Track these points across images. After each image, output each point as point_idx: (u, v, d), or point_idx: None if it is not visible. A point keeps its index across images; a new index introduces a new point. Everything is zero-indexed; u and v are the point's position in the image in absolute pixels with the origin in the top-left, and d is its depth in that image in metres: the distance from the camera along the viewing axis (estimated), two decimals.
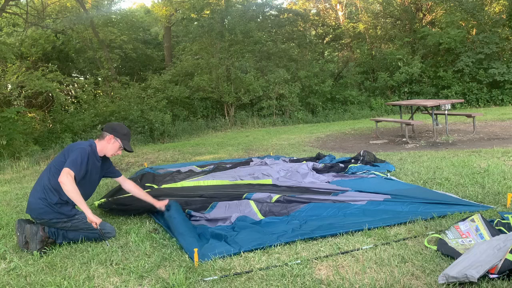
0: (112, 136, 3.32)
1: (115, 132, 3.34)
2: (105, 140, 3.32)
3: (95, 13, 15.76)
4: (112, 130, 3.35)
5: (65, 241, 3.16)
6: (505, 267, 2.14)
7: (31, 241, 3.04)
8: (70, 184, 2.96)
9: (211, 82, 14.30)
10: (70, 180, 2.97)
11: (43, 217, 3.09)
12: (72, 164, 3.04)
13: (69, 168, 3.00)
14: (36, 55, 14.97)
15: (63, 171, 2.99)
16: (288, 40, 17.98)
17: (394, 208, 3.44)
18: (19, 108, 11.81)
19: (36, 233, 3.04)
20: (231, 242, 2.85)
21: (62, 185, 2.96)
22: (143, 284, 2.45)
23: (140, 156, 7.87)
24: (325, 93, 15.18)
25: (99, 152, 3.32)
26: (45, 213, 3.07)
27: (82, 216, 3.11)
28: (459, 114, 9.78)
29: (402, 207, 3.44)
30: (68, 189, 2.96)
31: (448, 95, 14.41)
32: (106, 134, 3.32)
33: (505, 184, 3.96)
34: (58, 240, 3.14)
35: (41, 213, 3.08)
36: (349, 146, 7.81)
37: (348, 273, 2.40)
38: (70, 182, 2.97)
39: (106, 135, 3.32)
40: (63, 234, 3.15)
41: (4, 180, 6.46)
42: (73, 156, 3.10)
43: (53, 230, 3.13)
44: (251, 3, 17.26)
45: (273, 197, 3.72)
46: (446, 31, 14.57)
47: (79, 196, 2.99)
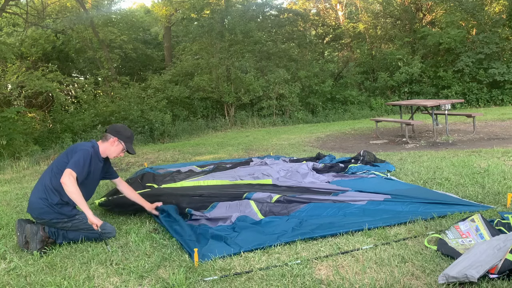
0: (116, 139, 3.32)
1: (119, 135, 3.34)
2: (109, 143, 3.31)
3: (95, 13, 15.76)
4: (116, 132, 3.34)
5: (65, 241, 3.16)
6: (505, 267, 2.14)
7: (31, 241, 3.04)
8: (72, 185, 2.96)
9: (211, 82, 14.31)
10: (72, 181, 2.97)
11: (44, 217, 3.09)
12: (74, 165, 3.04)
13: (71, 169, 3.00)
14: (36, 55, 14.98)
15: (65, 172, 2.99)
16: (288, 40, 17.99)
17: (394, 208, 3.44)
18: (19, 108, 11.82)
19: (36, 233, 3.04)
20: (231, 243, 2.85)
21: (64, 186, 2.97)
22: (143, 284, 2.45)
23: (140, 156, 7.87)
24: (325, 93, 15.18)
25: (102, 154, 3.32)
26: (45, 213, 3.07)
27: (83, 217, 3.11)
28: (459, 114, 9.79)
29: (402, 207, 3.44)
30: (70, 190, 2.96)
31: (448, 95, 14.41)
32: (110, 136, 3.31)
33: (505, 184, 3.96)
34: (58, 240, 3.14)
35: (42, 213, 3.08)
36: (349, 146, 7.81)
37: (348, 273, 2.40)
38: (72, 183, 2.97)
39: (110, 137, 3.31)
40: (63, 234, 3.15)
41: (4, 180, 6.46)
42: (76, 157, 3.10)
43: (53, 230, 3.13)
44: (251, 3, 17.26)
45: (273, 197, 3.72)
46: (446, 31, 14.57)
47: (80, 197, 2.99)
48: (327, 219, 3.25)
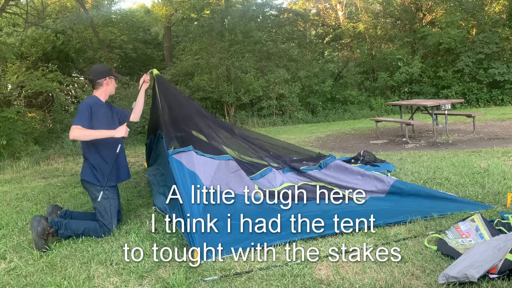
0: (107, 77, 3.48)
1: (105, 73, 3.49)
2: (104, 85, 3.47)
3: (95, 13, 15.74)
4: (102, 73, 3.48)
5: (67, 232, 3.19)
6: (505, 267, 2.14)
7: (32, 231, 3.05)
8: (81, 132, 3.14)
9: (211, 82, 14.30)
10: (78, 130, 3.13)
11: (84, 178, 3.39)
12: (76, 120, 3.19)
13: (74, 125, 3.16)
14: (36, 55, 14.96)
15: (70, 130, 3.15)
16: (288, 40, 17.97)
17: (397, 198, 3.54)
18: (19, 108, 11.81)
19: (39, 223, 3.08)
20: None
21: (77, 138, 3.19)
22: (143, 284, 2.45)
23: (140, 156, 7.86)
24: (325, 93, 15.17)
25: (104, 98, 3.49)
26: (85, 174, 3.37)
27: (109, 199, 3.31)
28: (459, 114, 9.78)
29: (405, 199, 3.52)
30: (83, 135, 3.17)
31: (448, 95, 14.41)
32: (101, 80, 3.45)
33: (505, 184, 3.96)
34: (60, 230, 3.18)
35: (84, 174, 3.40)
36: (349, 146, 7.80)
37: (348, 273, 2.40)
38: (80, 132, 3.14)
39: (102, 81, 3.46)
40: (65, 224, 3.21)
41: (4, 180, 6.46)
42: (76, 114, 3.28)
43: (56, 220, 3.19)
44: (251, 3, 17.25)
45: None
46: (446, 31, 14.57)
47: (97, 131, 3.22)
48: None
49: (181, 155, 3.41)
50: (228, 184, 3.54)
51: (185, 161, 3.38)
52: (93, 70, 3.57)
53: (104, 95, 3.48)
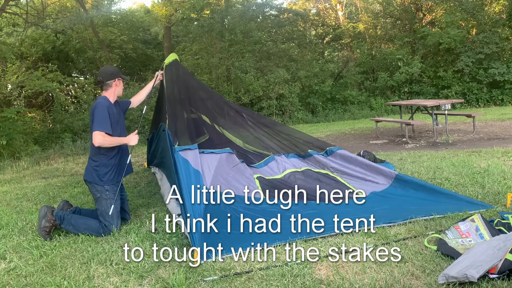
0: (116, 79, 3.55)
1: (115, 75, 3.55)
2: (113, 87, 3.54)
3: (95, 13, 15.73)
4: (112, 74, 3.53)
5: (69, 227, 3.31)
6: (505, 267, 2.14)
7: (39, 221, 3.27)
8: (105, 139, 3.27)
9: (211, 82, 14.30)
10: (102, 137, 3.25)
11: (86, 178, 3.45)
12: (98, 125, 3.27)
13: (97, 130, 3.24)
14: (36, 55, 14.96)
15: (94, 136, 3.24)
16: (288, 40, 17.97)
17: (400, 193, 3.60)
18: (19, 108, 11.80)
19: (44, 215, 3.26)
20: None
21: (102, 145, 3.28)
22: (143, 284, 2.45)
23: (140, 156, 7.86)
24: (325, 93, 15.17)
25: (113, 99, 3.55)
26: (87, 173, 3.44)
27: (109, 199, 3.37)
28: (459, 114, 9.77)
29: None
30: (107, 143, 3.29)
31: (448, 95, 14.41)
32: (110, 82, 3.51)
33: (505, 184, 3.96)
34: (63, 224, 3.31)
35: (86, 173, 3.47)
36: (349, 146, 7.80)
37: (348, 273, 2.40)
38: (104, 139, 3.25)
39: (111, 82, 3.51)
40: (68, 219, 3.31)
41: (4, 180, 6.46)
42: (96, 117, 3.30)
43: (60, 214, 3.31)
44: (251, 3, 17.25)
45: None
46: (446, 31, 14.57)
47: (117, 138, 3.38)
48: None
49: (187, 153, 3.45)
50: (228, 181, 3.56)
51: (191, 160, 3.42)
52: (103, 71, 3.62)
53: (113, 96, 3.54)
